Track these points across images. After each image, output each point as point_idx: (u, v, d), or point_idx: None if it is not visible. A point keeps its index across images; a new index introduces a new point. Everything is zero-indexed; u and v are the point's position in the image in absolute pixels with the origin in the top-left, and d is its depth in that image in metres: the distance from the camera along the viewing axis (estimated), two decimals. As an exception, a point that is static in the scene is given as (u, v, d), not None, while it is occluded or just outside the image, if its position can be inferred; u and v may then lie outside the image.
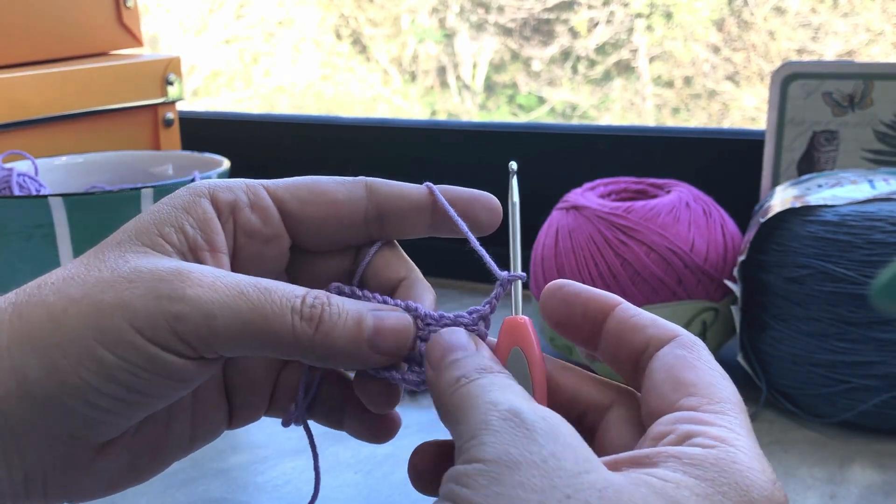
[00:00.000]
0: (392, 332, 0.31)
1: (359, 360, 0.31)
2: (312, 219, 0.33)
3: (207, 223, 0.32)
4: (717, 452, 0.25)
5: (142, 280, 0.29)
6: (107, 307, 0.28)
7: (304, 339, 0.30)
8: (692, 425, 0.26)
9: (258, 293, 0.29)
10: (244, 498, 0.57)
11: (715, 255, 0.68)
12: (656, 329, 0.30)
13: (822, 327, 0.61)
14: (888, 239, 0.59)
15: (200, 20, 1.67)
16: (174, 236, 0.31)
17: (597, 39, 1.40)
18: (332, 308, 0.30)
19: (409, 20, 1.57)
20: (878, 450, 0.61)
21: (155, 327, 0.28)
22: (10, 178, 0.69)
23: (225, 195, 0.33)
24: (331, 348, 0.30)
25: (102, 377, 0.28)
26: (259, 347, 0.30)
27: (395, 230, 0.35)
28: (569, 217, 0.71)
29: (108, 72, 0.89)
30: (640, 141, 0.90)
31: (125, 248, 0.31)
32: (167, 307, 0.28)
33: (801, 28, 1.27)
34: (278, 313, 0.29)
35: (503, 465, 0.24)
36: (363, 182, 0.34)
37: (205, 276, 0.29)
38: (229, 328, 0.29)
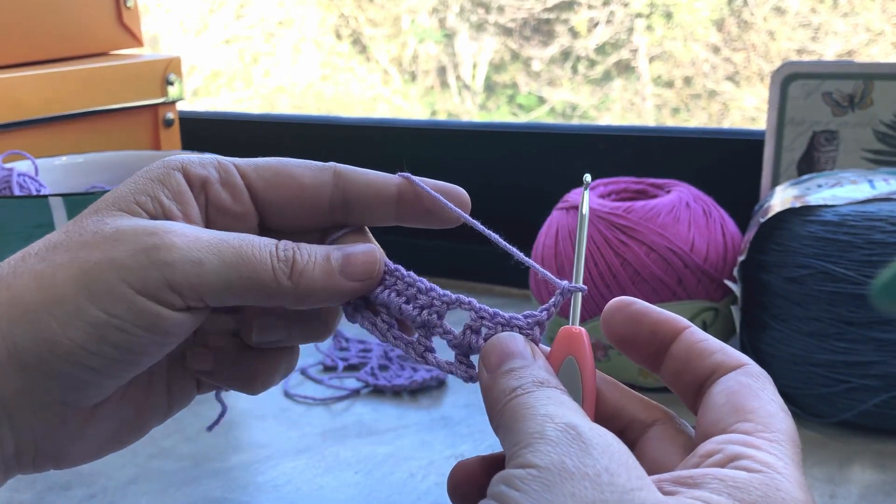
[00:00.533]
0: (360, 259, 0.33)
1: (336, 292, 0.33)
2: (277, 200, 0.34)
3: (181, 195, 0.33)
4: (762, 477, 0.25)
5: (126, 237, 0.30)
6: (95, 266, 0.29)
7: (283, 281, 0.31)
8: (741, 447, 0.26)
9: (239, 241, 0.31)
10: (244, 498, 0.57)
11: (715, 255, 0.68)
12: (724, 356, 0.30)
13: (822, 327, 0.61)
14: (888, 239, 0.59)
15: (200, 20, 1.67)
16: (150, 205, 0.32)
17: (597, 39, 1.40)
18: (302, 250, 0.32)
19: (409, 20, 1.57)
20: (877, 450, 0.61)
21: (146, 279, 0.29)
22: (11, 178, 0.69)
23: (197, 170, 0.34)
24: (309, 285, 0.32)
25: (93, 337, 0.29)
26: (244, 293, 0.31)
27: (360, 217, 0.36)
28: (569, 217, 0.71)
29: (108, 72, 0.89)
30: (640, 141, 0.90)
31: (102, 213, 0.32)
32: (157, 257, 0.29)
33: (801, 28, 1.27)
34: (259, 257, 0.31)
35: (556, 473, 0.24)
36: (332, 168, 0.35)
37: (187, 229, 0.31)
38: (218, 273, 0.30)
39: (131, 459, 0.61)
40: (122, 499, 0.57)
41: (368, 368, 0.74)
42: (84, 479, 0.59)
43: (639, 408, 0.32)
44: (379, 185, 0.35)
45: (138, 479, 0.59)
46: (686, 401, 0.31)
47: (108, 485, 0.58)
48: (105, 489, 0.58)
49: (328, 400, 0.70)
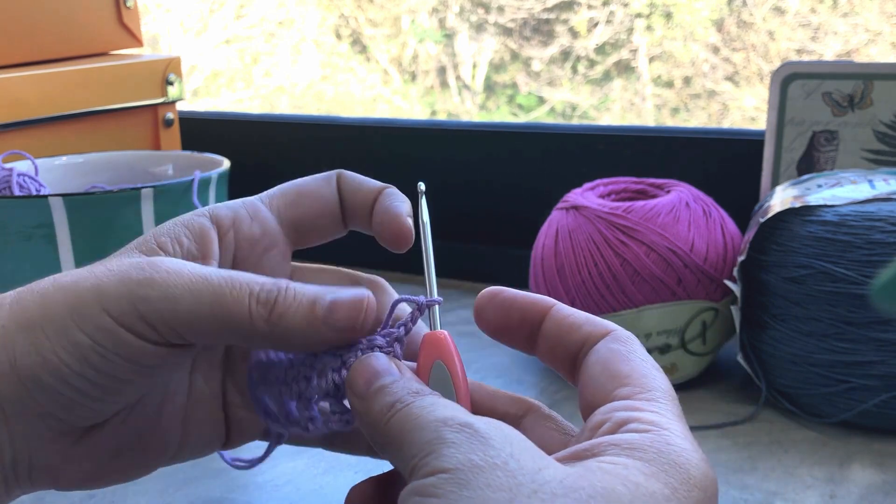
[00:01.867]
0: (347, 306, 0.31)
1: (317, 340, 0.31)
2: (303, 217, 0.36)
3: (204, 235, 0.34)
4: (651, 436, 0.27)
5: (119, 268, 0.31)
6: (84, 291, 0.30)
7: (259, 323, 0.30)
8: (626, 412, 0.28)
9: (221, 280, 0.30)
10: (244, 498, 0.57)
11: (715, 255, 0.68)
12: (591, 326, 0.32)
13: (821, 327, 0.61)
14: (888, 239, 0.59)
15: (200, 20, 1.67)
16: (169, 245, 0.33)
17: (597, 39, 1.40)
18: (289, 291, 0.31)
19: (409, 20, 1.57)
20: (878, 450, 0.61)
21: (122, 309, 0.29)
22: (10, 178, 0.69)
23: (224, 211, 0.35)
24: (286, 330, 0.30)
25: (77, 358, 0.29)
26: (219, 332, 0.30)
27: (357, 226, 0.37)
28: (569, 217, 0.71)
29: (108, 72, 0.89)
30: (640, 141, 0.90)
31: (123, 253, 0.33)
32: (135, 290, 0.30)
33: (800, 28, 1.27)
34: (237, 298, 0.30)
35: (468, 470, 0.25)
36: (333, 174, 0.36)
37: (174, 265, 0.31)
38: (191, 312, 0.30)
39: (131, 459, 0.61)
40: (121, 499, 0.57)
41: (368, 368, 0.74)
42: (84, 478, 0.59)
43: (508, 403, 0.34)
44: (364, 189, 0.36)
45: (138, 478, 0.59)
46: (566, 376, 0.33)
47: (108, 485, 0.58)
48: (105, 489, 0.58)
49: (328, 400, 0.70)
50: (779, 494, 0.56)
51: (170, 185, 0.66)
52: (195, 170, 0.71)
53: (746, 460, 0.59)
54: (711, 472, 0.27)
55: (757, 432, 0.63)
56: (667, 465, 0.26)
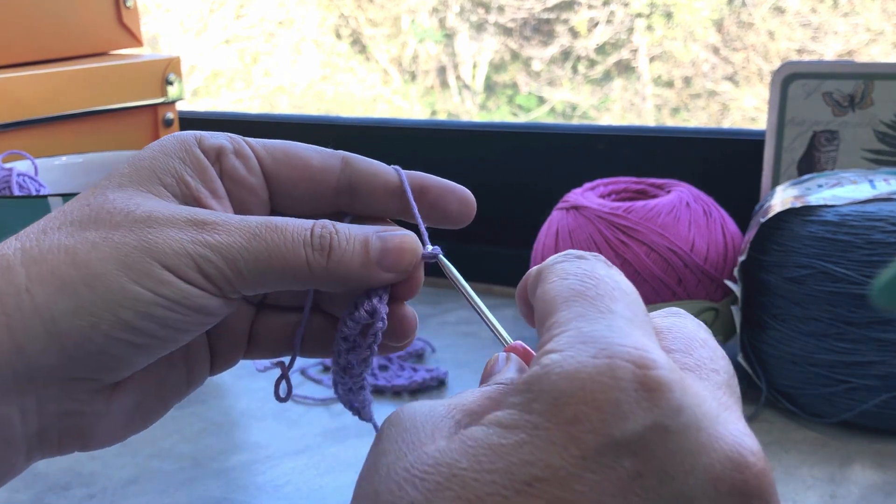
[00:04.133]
0: (397, 250, 0.32)
1: (372, 281, 0.33)
2: (286, 178, 0.34)
3: (205, 171, 0.33)
4: (534, 370, 0.23)
5: (160, 224, 0.30)
6: (132, 249, 0.29)
7: (318, 270, 0.31)
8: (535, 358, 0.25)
9: (272, 233, 0.31)
10: (244, 498, 0.57)
11: (715, 255, 0.68)
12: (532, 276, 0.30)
13: (822, 327, 0.61)
14: (888, 239, 0.59)
15: (200, 20, 1.67)
16: (176, 187, 0.32)
17: (597, 39, 1.40)
18: (340, 235, 0.32)
19: (409, 20, 1.57)
20: (878, 450, 0.61)
21: (181, 265, 0.29)
22: (10, 178, 0.69)
23: (210, 141, 0.34)
24: (344, 273, 0.32)
25: (139, 314, 0.29)
26: (278, 283, 0.31)
27: (364, 207, 0.36)
28: (569, 217, 0.71)
29: (108, 72, 0.89)
30: (640, 141, 0.90)
31: (129, 192, 0.31)
32: (191, 249, 0.29)
33: (800, 28, 1.27)
34: (293, 249, 0.31)
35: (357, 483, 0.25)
36: (340, 155, 0.35)
37: (220, 220, 0.30)
38: (251, 270, 0.30)
39: (131, 459, 0.61)
40: (121, 499, 0.57)
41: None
42: (83, 479, 0.59)
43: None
44: (386, 178, 0.35)
45: (138, 479, 0.59)
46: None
47: (108, 485, 0.58)
48: (104, 489, 0.58)
49: (328, 400, 0.70)
50: (779, 495, 0.56)
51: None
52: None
53: (747, 460, 0.59)
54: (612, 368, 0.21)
55: (757, 432, 0.63)
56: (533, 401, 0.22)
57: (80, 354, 0.28)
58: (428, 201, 0.35)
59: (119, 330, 0.29)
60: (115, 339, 0.29)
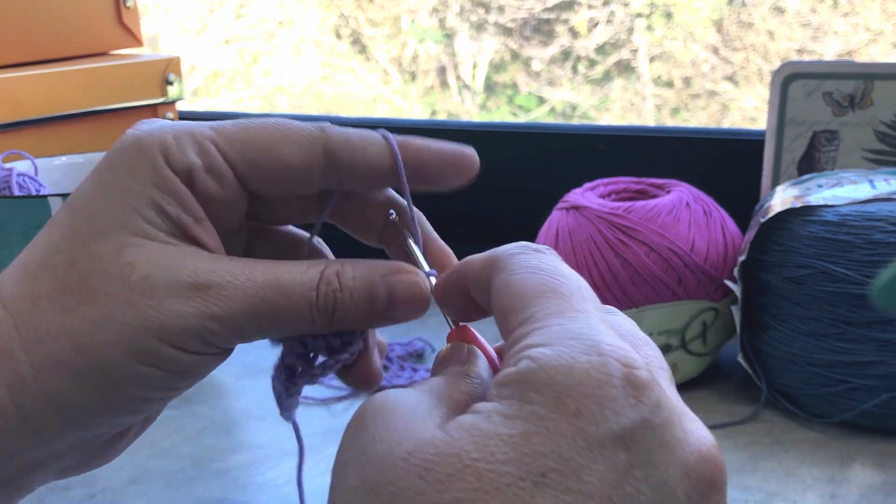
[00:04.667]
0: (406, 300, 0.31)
1: (377, 325, 0.33)
2: (265, 182, 0.32)
3: (182, 198, 0.31)
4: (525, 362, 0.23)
5: (160, 294, 0.29)
6: (135, 330, 0.29)
7: (321, 324, 0.31)
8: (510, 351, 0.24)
9: (278, 297, 0.30)
10: (244, 498, 0.57)
11: (715, 255, 0.68)
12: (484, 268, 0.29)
13: (822, 327, 0.61)
14: (888, 239, 0.59)
15: (200, 20, 1.67)
16: (159, 220, 0.30)
17: (597, 39, 1.40)
18: (345, 291, 0.31)
19: (409, 20, 1.57)
20: (878, 450, 0.61)
21: (186, 341, 0.29)
22: (10, 178, 0.69)
23: (180, 162, 0.31)
24: (347, 324, 0.32)
25: (147, 388, 0.30)
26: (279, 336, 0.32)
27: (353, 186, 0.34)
28: (569, 217, 0.71)
29: (108, 72, 0.89)
30: (640, 141, 0.90)
31: (116, 242, 0.29)
32: (196, 325, 0.29)
33: (800, 28, 1.27)
34: (298, 312, 0.30)
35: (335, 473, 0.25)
36: (321, 141, 0.32)
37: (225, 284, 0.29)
38: (256, 332, 0.30)
39: (131, 459, 0.61)
40: (121, 499, 0.57)
41: (368, 368, 0.74)
42: (84, 479, 0.59)
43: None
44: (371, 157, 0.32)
45: (138, 479, 0.59)
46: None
47: (108, 485, 0.58)
48: (105, 489, 0.58)
49: (328, 400, 0.70)
50: (779, 495, 0.56)
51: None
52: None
53: (747, 461, 0.59)
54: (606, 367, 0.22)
55: (757, 432, 0.63)
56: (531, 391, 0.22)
57: (92, 427, 0.30)
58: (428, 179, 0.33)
59: (129, 404, 0.30)
60: (124, 412, 0.30)
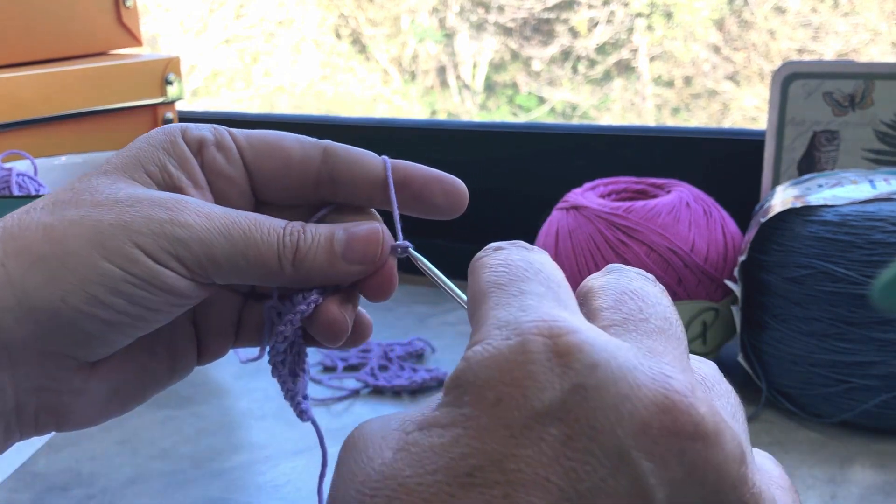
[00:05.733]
0: (362, 241, 0.33)
1: (339, 275, 0.33)
2: (265, 170, 0.35)
3: (187, 162, 0.34)
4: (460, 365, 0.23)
5: (141, 204, 0.30)
6: (108, 227, 0.30)
7: (287, 267, 0.32)
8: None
9: (248, 223, 0.32)
10: (244, 498, 0.57)
11: (715, 255, 0.68)
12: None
13: (822, 327, 0.61)
14: (888, 239, 0.59)
15: (200, 20, 1.67)
16: (159, 175, 0.33)
17: (597, 39, 1.40)
18: (307, 233, 0.33)
19: (409, 20, 1.57)
20: (878, 450, 0.60)
21: (156, 248, 0.30)
22: (10, 177, 0.69)
23: (194, 133, 0.34)
24: (311, 268, 0.32)
25: (108, 290, 0.29)
26: (247, 274, 0.32)
27: (347, 196, 0.36)
28: (569, 217, 0.71)
29: (108, 72, 0.89)
30: (640, 141, 0.90)
31: (113, 177, 0.32)
32: (169, 231, 0.30)
33: (801, 28, 1.27)
34: (267, 242, 0.32)
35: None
36: (322, 145, 0.35)
37: (200, 207, 0.31)
38: (225, 255, 0.31)
39: (131, 460, 0.61)
40: (121, 499, 0.57)
41: (368, 369, 0.74)
42: (83, 479, 0.59)
43: None
44: (366, 166, 0.35)
45: (138, 479, 0.59)
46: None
47: (108, 485, 0.58)
48: (105, 490, 0.58)
49: (328, 400, 0.70)
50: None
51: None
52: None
53: (747, 461, 0.59)
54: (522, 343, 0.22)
55: (757, 432, 0.63)
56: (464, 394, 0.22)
57: (52, 327, 0.29)
58: (412, 192, 0.35)
59: (88, 304, 0.29)
60: (84, 314, 0.29)
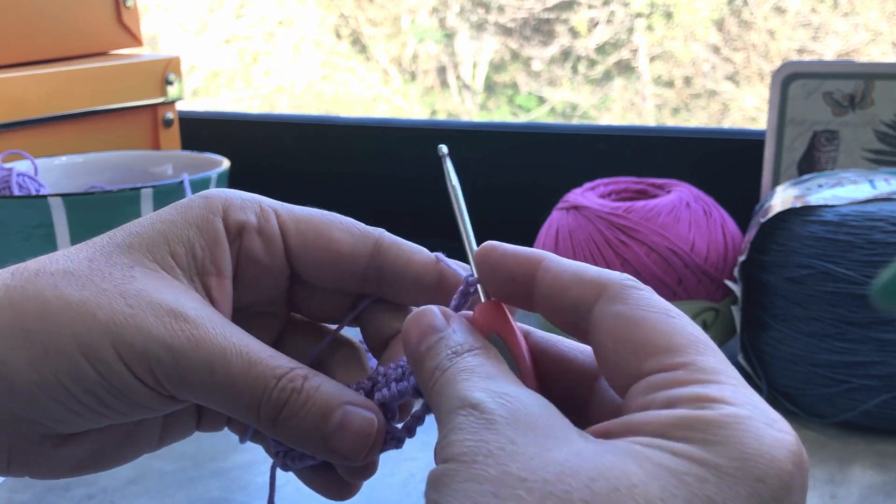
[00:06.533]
0: (355, 434, 0.31)
1: (316, 451, 0.31)
2: (310, 260, 0.33)
3: (217, 245, 0.32)
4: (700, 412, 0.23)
5: (139, 309, 0.29)
6: (97, 324, 0.29)
7: (264, 423, 0.30)
8: (670, 390, 0.24)
9: (240, 362, 0.30)
10: (244, 498, 0.57)
11: (715, 255, 0.68)
12: (580, 286, 0.28)
13: (822, 327, 0.61)
14: (888, 239, 0.59)
15: (200, 20, 1.67)
16: (184, 258, 0.31)
17: (597, 39, 1.40)
18: (301, 396, 0.30)
19: (409, 20, 1.57)
20: (878, 450, 0.60)
21: (135, 360, 0.29)
22: (10, 178, 0.69)
23: (237, 215, 0.32)
24: (289, 434, 0.31)
25: (81, 388, 0.29)
26: (225, 409, 0.30)
27: (393, 295, 0.34)
28: (569, 217, 0.71)
29: (108, 72, 0.89)
30: (640, 141, 0.90)
31: (135, 258, 0.31)
32: (151, 349, 0.29)
33: (801, 28, 1.27)
34: (251, 388, 0.30)
35: (461, 461, 0.23)
36: (374, 239, 0.33)
37: (195, 330, 0.29)
38: (203, 387, 0.29)
39: (131, 460, 0.61)
40: (121, 499, 0.57)
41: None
42: (83, 479, 0.59)
43: (582, 358, 0.30)
44: (417, 266, 0.33)
45: (138, 479, 0.59)
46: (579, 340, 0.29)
47: (108, 485, 0.58)
48: (105, 489, 0.58)
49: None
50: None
51: (169, 185, 0.66)
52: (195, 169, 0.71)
53: (747, 460, 0.59)
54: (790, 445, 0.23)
55: (757, 432, 0.63)
56: (714, 443, 0.23)
57: (25, 404, 0.29)
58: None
59: (60, 394, 0.29)
60: (56, 401, 0.29)
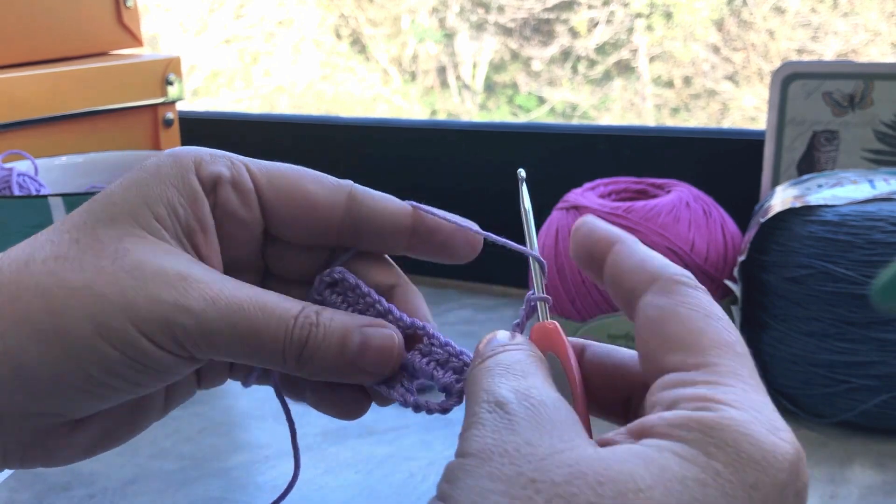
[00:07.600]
0: (377, 350, 0.31)
1: (344, 377, 0.32)
2: (285, 213, 0.33)
3: (197, 202, 0.32)
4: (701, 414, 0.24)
5: (146, 280, 0.29)
6: (110, 304, 0.29)
7: (290, 361, 0.31)
8: (677, 390, 0.25)
9: (257, 311, 0.30)
10: (244, 498, 0.57)
11: (715, 255, 0.68)
12: (639, 273, 0.28)
13: (822, 327, 0.61)
14: (888, 239, 0.59)
15: (200, 20, 1.67)
16: (168, 219, 0.31)
17: (597, 39, 1.40)
18: (320, 326, 0.31)
19: (409, 20, 1.57)
20: (878, 450, 0.61)
21: (156, 331, 0.29)
22: (10, 178, 0.69)
23: (209, 168, 0.32)
24: (316, 368, 0.31)
25: (105, 371, 0.29)
26: (249, 359, 0.31)
27: (370, 243, 0.34)
28: (569, 217, 0.71)
29: (108, 72, 0.89)
30: (640, 141, 0.90)
31: (121, 229, 0.30)
32: (172, 317, 0.29)
33: (800, 28, 1.27)
34: (274, 335, 0.30)
35: (478, 457, 0.24)
36: (347, 189, 0.33)
37: (208, 286, 0.30)
38: (227, 343, 0.30)
39: (131, 459, 0.61)
40: (121, 499, 0.57)
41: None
42: (84, 479, 0.59)
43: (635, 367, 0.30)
44: (392, 215, 0.33)
45: (138, 479, 0.59)
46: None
47: (108, 485, 0.58)
48: (105, 489, 0.58)
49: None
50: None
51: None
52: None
53: (747, 460, 0.59)
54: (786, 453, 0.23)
55: (757, 432, 0.63)
56: (712, 446, 0.23)
57: (44, 396, 0.29)
58: (437, 242, 0.34)
59: (85, 383, 0.29)
60: (79, 390, 0.29)
